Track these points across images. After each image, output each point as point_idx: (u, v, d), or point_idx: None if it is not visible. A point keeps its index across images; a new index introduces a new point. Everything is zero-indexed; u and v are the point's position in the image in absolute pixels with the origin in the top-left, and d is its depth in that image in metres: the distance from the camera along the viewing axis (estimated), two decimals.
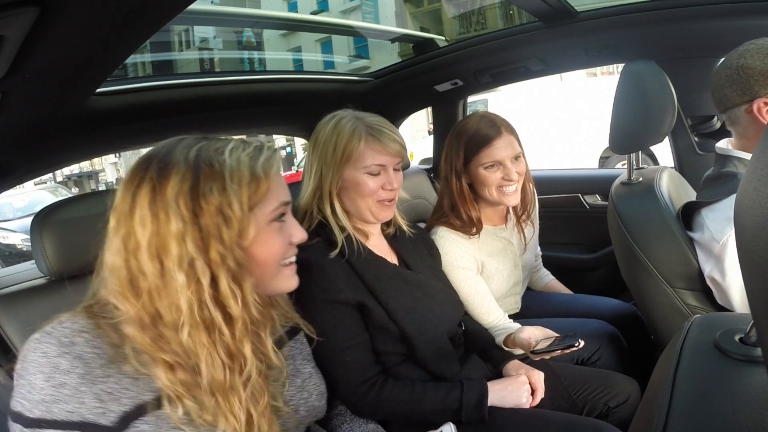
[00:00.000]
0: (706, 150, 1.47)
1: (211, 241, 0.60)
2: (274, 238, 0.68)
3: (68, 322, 0.59)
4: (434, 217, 1.31)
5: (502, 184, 1.21)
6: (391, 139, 0.99)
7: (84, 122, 0.95)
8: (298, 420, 0.75)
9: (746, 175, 0.31)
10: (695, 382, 0.45)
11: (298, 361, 0.81)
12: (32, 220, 0.89)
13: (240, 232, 0.63)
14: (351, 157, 0.97)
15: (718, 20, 1.24)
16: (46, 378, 0.55)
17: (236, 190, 0.62)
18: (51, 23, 0.48)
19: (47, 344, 0.57)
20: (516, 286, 1.39)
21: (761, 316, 0.28)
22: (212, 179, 0.61)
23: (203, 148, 0.64)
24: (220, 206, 0.61)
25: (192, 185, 0.60)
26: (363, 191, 0.98)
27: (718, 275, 0.94)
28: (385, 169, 0.99)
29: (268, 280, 0.69)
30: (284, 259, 0.71)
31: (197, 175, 0.61)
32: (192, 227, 0.60)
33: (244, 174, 0.63)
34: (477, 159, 1.21)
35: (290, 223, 0.71)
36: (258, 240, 0.65)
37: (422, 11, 13.67)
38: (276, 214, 0.68)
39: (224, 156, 0.63)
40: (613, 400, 1.05)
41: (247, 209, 0.63)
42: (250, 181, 0.64)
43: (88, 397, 0.56)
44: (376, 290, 0.96)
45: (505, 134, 1.20)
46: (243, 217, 0.63)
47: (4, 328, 0.91)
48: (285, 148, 19.49)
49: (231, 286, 0.61)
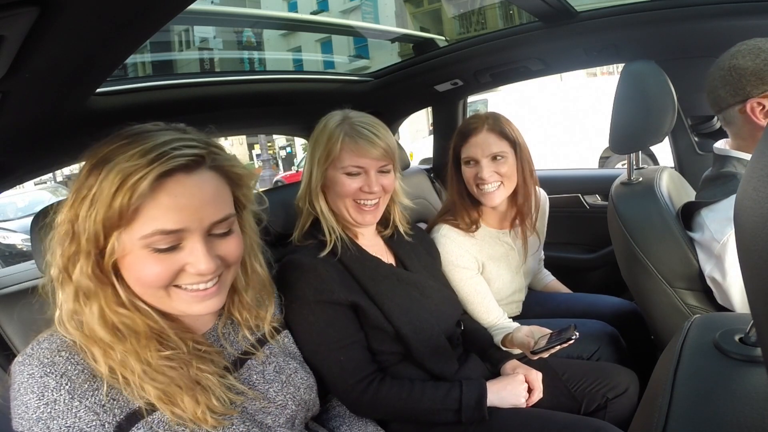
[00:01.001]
0: (706, 150, 1.47)
1: (65, 249, 0.60)
2: (149, 264, 0.61)
3: (46, 342, 0.61)
4: (438, 216, 1.32)
5: (476, 182, 1.21)
6: (368, 141, 0.96)
7: (84, 122, 0.95)
8: (289, 415, 0.76)
9: (746, 175, 0.31)
10: (695, 382, 0.45)
11: (281, 359, 0.81)
12: (32, 220, 0.89)
13: (96, 250, 0.60)
14: (329, 156, 0.98)
15: (718, 20, 1.24)
16: (38, 397, 0.57)
17: (97, 204, 0.58)
18: (51, 23, 0.48)
19: (30, 366, 0.58)
20: (517, 293, 1.38)
21: (761, 316, 0.28)
22: (90, 187, 0.59)
23: (118, 147, 0.60)
24: (82, 219, 0.59)
25: (77, 189, 0.60)
26: (340, 191, 0.99)
27: (719, 275, 0.94)
28: (365, 171, 0.98)
29: (159, 301, 0.65)
30: (177, 283, 0.64)
31: (86, 179, 0.60)
32: (64, 228, 0.60)
33: (110, 188, 0.57)
34: (460, 153, 1.24)
35: (188, 251, 0.62)
36: (127, 263, 0.61)
37: (422, 11, 13.68)
38: (150, 242, 0.59)
39: (110, 163, 0.58)
40: (611, 392, 1.06)
41: (102, 228, 0.58)
42: (112, 197, 0.57)
43: (83, 412, 0.58)
44: (370, 290, 0.96)
45: (485, 132, 1.19)
46: (96, 237, 0.59)
47: (4, 328, 0.91)
48: (285, 148, 19.50)
49: (79, 297, 0.61)
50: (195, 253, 0.62)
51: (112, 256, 0.60)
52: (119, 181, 0.57)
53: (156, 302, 0.65)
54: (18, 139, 0.89)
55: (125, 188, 0.56)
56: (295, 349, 0.88)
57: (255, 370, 0.77)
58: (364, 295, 0.95)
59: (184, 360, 0.65)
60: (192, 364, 0.66)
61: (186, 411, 0.62)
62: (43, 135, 0.92)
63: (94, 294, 0.60)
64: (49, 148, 1.02)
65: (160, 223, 0.59)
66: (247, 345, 0.78)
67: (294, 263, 0.93)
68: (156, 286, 0.62)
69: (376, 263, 1.02)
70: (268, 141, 18.04)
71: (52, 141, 0.97)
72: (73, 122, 0.92)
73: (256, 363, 0.78)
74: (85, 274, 0.60)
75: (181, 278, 0.63)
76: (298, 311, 0.90)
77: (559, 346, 0.96)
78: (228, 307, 0.77)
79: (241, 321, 0.77)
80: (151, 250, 0.60)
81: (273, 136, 18.08)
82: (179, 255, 0.62)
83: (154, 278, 0.61)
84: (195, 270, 0.63)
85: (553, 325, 1.10)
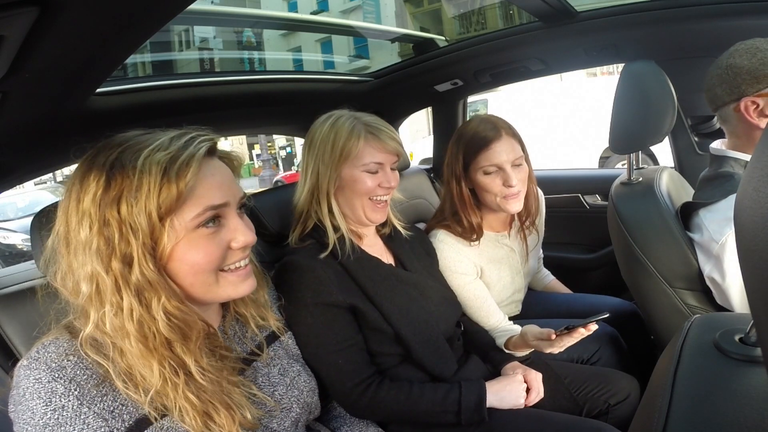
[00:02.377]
0: (706, 150, 1.46)
1: (114, 254, 0.58)
2: (202, 245, 0.62)
3: (52, 346, 0.59)
4: (435, 220, 1.29)
5: (503, 192, 1.16)
6: (389, 137, 0.99)
7: (84, 122, 0.95)
8: (294, 418, 0.76)
9: (746, 175, 0.31)
10: (695, 382, 0.45)
11: (285, 361, 0.81)
12: (32, 220, 0.89)
13: (149, 244, 0.59)
14: (350, 155, 0.97)
15: (718, 20, 1.24)
16: (45, 403, 0.55)
17: (143, 198, 0.58)
18: (51, 23, 0.48)
19: (37, 370, 0.56)
20: (517, 293, 1.38)
21: (761, 316, 0.28)
22: (121, 186, 0.58)
23: (128, 147, 0.60)
24: (126, 216, 0.58)
25: (102, 192, 0.58)
26: (360, 189, 0.98)
27: (718, 275, 0.94)
28: (382, 168, 1.00)
29: (206, 289, 0.65)
30: (224, 265, 0.66)
31: (109, 181, 0.58)
32: (98, 237, 0.58)
33: (154, 179, 0.58)
34: (476, 163, 1.17)
35: (230, 226, 0.65)
36: (180, 250, 0.61)
37: (422, 11, 13.67)
38: (201, 220, 0.62)
39: (139, 159, 0.58)
40: (613, 398, 1.05)
41: (157, 219, 0.58)
42: (160, 187, 0.58)
43: (91, 418, 0.56)
44: (369, 292, 0.95)
45: (505, 137, 1.15)
46: (152, 229, 0.59)
47: (4, 328, 0.91)
48: (285, 148, 19.50)
49: (132, 303, 0.58)
50: (237, 226, 0.66)
51: (166, 248, 0.60)
52: (162, 169, 0.58)
53: (204, 291, 0.65)
54: (18, 139, 0.89)
55: (173, 173, 0.59)
56: (298, 351, 0.88)
57: (260, 372, 0.76)
58: (363, 297, 0.95)
59: (219, 368, 0.65)
60: (223, 376, 0.65)
61: (223, 428, 0.61)
62: (43, 135, 0.92)
63: (161, 287, 0.60)
64: (49, 148, 1.02)
65: (207, 199, 0.62)
66: (253, 346, 0.77)
67: (292, 264, 0.93)
68: (210, 269, 0.64)
69: (375, 263, 1.02)
70: (268, 141, 18.05)
71: (52, 141, 0.97)
72: (73, 122, 0.92)
73: (261, 365, 0.77)
74: (147, 269, 0.59)
75: (228, 258, 0.66)
76: (296, 313, 0.90)
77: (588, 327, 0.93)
78: (231, 304, 0.76)
79: (248, 317, 0.77)
80: (201, 229, 0.62)
81: (273, 136, 18.08)
82: (223, 232, 0.65)
83: (208, 259, 0.63)
84: (240, 243, 0.66)
85: (553, 325, 1.09)
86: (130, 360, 0.58)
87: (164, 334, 0.59)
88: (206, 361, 0.63)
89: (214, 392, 0.62)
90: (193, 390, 0.60)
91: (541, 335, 1.02)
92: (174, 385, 0.59)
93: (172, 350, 0.60)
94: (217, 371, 0.64)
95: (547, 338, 1.00)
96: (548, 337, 0.99)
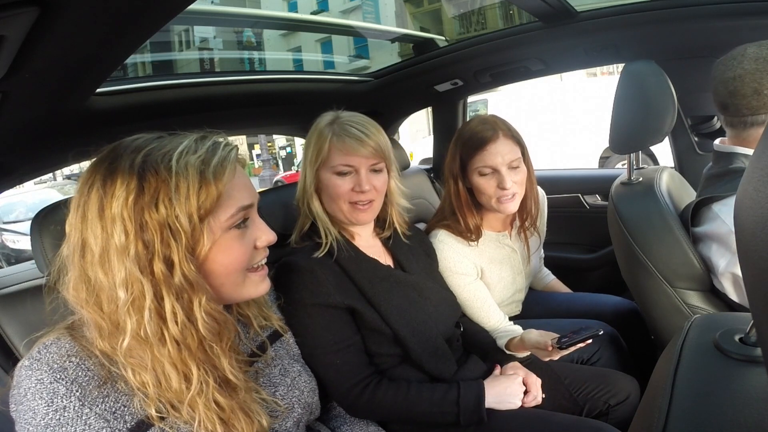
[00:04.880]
0: (706, 150, 1.47)
1: (155, 257, 0.57)
2: (234, 245, 0.63)
3: (54, 347, 0.59)
4: (435, 219, 1.29)
5: (498, 194, 1.15)
6: (356, 140, 0.96)
7: (84, 122, 0.95)
8: (296, 418, 0.76)
9: (746, 175, 0.31)
10: (695, 382, 0.45)
11: (286, 361, 0.81)
12: (32, 220, 0.89)
13: (190, 246, 0.59)
14: (319, 156, 0.98)
15: (718, 20, 1.24)
16: (47, 404, 0.55)
17: (183, 200, 0.58)
18: (51, 23, 0.48)
19: (39, 371, 0.56)
20: (518, 293, 1.38)
21: (761, 316, 0.28)
22: (157, 189, 0.58)
23: (152, 150, 0.60)
24: (166, 219, 0.57)
25: (136, 196, 0.57)
26: (332, 193, 0.99)
27: (737, 268, 0.93)
28: (356, 171, 0.97)
29: (233, 289, 0.66)
30: (250, 265, 0.67)
31: (141, 184, 0.57)
32: (136, 242, 0.57)
33: (192, 181, 0.58)
34: (472, 163, 1.16)
35: (255, 226, 0.67)
36: (215, 251, 0.62)
37: (422, 11, 13.67)
38: (234, 221, 0.63)
39: (172, 161, 0.59)
40: (613, 399, 1.05)
41: (198, 220, 0.59)
42: (199, 188, 0.59)
43: (93, 419, 0.56)
44: (368, 293, 0.95)
45: (502, 139, 1.13)
46: (193, 230, 0.59)
47: (4, 328, 0.91)
48: (285, 148, 19.50)
49: (174, 306, 0.58)
50: (260, 225, 0.68)
51: (203, 249, 0.61)
52: (197, 171, 0.59)
53: (232, 291, 0.66)
54: (18, 139, 0.89)
55: (209, 176, 0.60)
56: (299, 351, 0.88)
57: (261, 373, 0.76)
58: (362, 298, 0.95)
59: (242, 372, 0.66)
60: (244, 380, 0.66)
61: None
62: (43, 135, 0.92)
63: (200, 288, 0.60)
64: (49, 148, 1.03)
65: (239, 200, 0.64)
66: (254, 347, 0.77)
67: (291, 265, 0.93)
68: (242, 267, 0.66)
69: (373, 265, 1.01)
70: (268, 141, 18.04)
71: (52, 141, 0.97)
72: (73, 122, 0.92)
73: (263, 366, 0.77)
74: (189, 271, 0.59)
75: (254, 257, 0.67)
76: (294, 314, 0.90)
77: (583, 343, 0.94)
78: (235, 306, 0.76)
79: (251, 316, 0.77)
80: (233, 230, 0.64)
81: (273, 136, 18.08)
82: (250, 231, 0.67)
83: (242, 257, 0.65)
84: (265, 241, 0.68)
85: (554, 325, 1.09)
86: (156, 365, 0.58)
87: (203, 335, 0.60)
88: (236, 363, 0.64)
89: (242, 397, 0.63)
90: (225, 394, 0.61)
91: (538, 344, 1.02)
92: (204, 390, 0.59)
93: (206, 353, 0.61)
94: (243, 374, 0.65)
95: (543, 348, 1.00)
96: (545, 348, 1.00)
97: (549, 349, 0.99)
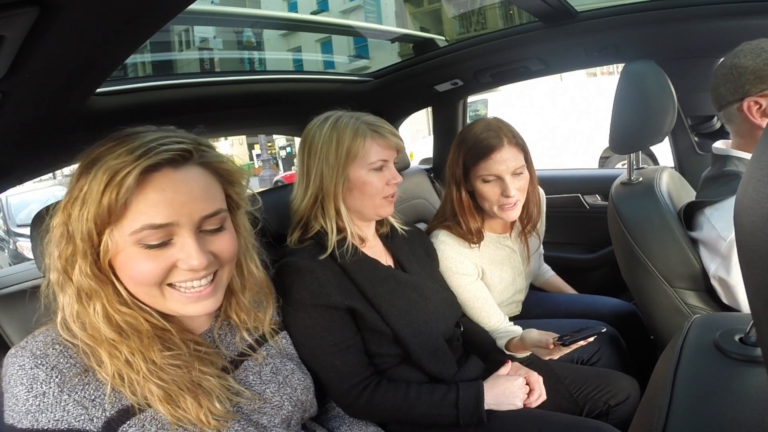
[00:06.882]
0: (706, 150, 1.47)
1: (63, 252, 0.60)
2: (140, 260, 0.61)
3: (41, 336, 0.61)
4: (436, 220, 1.28)
5: (500, 201, 1.15)
6: (391, 132, 1.00)
7: (84, 122, 0.95)
8: (285, 415, 0.76)
9: (746, 175, 0.31)
10: (695, 382, 0.45)
11: (278, 360, 0.81)
12: (32, 220, 0.89)
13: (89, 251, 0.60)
14: (357, 155, 0.96)
15: (718, 20, 1.24)
16: (27, 389, 0.57)
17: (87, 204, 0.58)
18: (51, 23, 0.48)
19: (21, 357, 0.58)
20: (518, 293, 1.38)
21: (761, 316, 0.28)
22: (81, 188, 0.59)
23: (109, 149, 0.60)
24: (73, 220, 0.60)
25: (70, 191, 0.60)
26: (370, 191, 0.98)
27: (724, 273, 0.94)
28: (387, 164, 1.00)
29: (151, 300, 0.65)
30: (169, 281, 0.64)
31: (77, 181, 0.60)
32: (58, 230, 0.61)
33: (97, 187, 0.57)
34: (476, 170, 1.16)
35: (179, 246, 0.62)
36: (119, 260, 0.61)
37: (422, 11, 13.66)
38: (140, 237, 0.59)
39: (99, 161, 0.59)
40: (613, 399, 1.05)
41: (94, 228, 0.59)
42: (101, 196, 0.57)
43: (72, 405, 0.58)
44: (368, 293, 0.95)
45: (507, 146, 1.12)
46: (91, 237, 0.59)
47: (3, 327, 0.91)
48: (285, 148, 19.49)
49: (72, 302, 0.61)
50: (186, 248, 0.62)
51: (107, 255, 0.61)
52: (107, 178, 0.57)
53: (151, 302, 0.64)
54: (18, 139, 0.89)
55: (113, 185, 0.57)
56: (293, 350, 0.88)
57: (251, 371, 0.76)
58: (362, 299, 0.95)
59: (186, 361, 0.65)
60: (194, 366, 0.66)
61: (188, 413, 0.62)
62: (43, 135, 0.92)
63: (96, 293, 0.61)
64: (49, 148, 1.02)
65: (148, 217, 0.59)
66: (243, 347, 0.77)
67: (291, 265, 0.93)
68: (149, 284, 0.62)
69: (374, 265, 1.01)
70: (268, 141, 18.04)
71: (52, 141, 0.97)
72: (73, 122, 0.92)
73: (253, 364, 0.77)
74: (84, 274, 0.60)
75: (174, 275, 0.63)
76: (295, 314, 0.89)
77: (585, 341, 0.94)
78: (225, 308, 0.77)
79: (239, 323, 0.77)
80: (141, 246, 0.60)
81: (273, 136, 18.07)
82: (170, 251, 0.62)
83: (146, 275, 0.61)
84: (187, 266, 0.62)
85: (554, 325, 1.09)
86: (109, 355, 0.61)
87: (106, 334, 0.60)
88: (168, 354, 0.63)
89: (179, 380, 0.63)
90: (156, 378, 0.61)
91: (539, 343, 1.02)
92: (137, 372, 0.60)
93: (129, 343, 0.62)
94: (185, 362, 0.65)
95: (545, 347, 1.00)
96: (546, 346, 1.00)
97: (550, 346, 0.98)
